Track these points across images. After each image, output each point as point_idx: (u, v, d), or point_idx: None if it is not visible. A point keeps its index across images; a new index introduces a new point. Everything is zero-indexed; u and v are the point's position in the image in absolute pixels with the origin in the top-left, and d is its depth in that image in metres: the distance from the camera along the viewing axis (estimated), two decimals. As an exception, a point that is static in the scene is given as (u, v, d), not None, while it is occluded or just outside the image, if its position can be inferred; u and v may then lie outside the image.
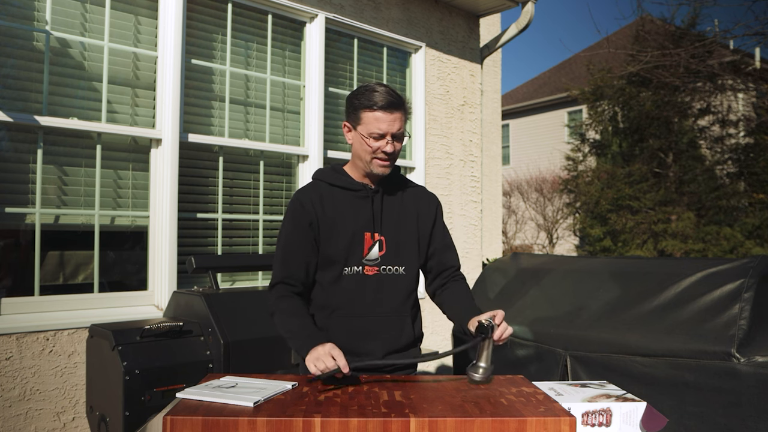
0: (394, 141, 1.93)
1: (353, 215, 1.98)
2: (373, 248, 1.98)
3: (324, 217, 1.96)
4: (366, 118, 1.92)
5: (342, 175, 2.03)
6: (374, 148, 1.92)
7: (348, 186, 2.01)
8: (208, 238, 3.85)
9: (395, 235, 2.01)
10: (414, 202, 2.08)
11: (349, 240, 1.96)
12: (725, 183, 11.31)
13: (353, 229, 1.97)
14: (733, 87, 11.36)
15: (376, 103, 1.90)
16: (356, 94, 1.95)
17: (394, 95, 1.93)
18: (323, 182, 2.03)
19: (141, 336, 2.79)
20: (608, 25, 52.47)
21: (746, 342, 2.48)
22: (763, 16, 11.47)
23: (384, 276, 1.98)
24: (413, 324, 2.06)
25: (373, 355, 1.97)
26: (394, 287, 2.00)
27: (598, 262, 3.63)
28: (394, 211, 2.03)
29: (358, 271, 1.97)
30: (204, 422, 1.40)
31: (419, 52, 4.99)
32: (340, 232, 1.96)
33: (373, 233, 1.98)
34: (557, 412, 1.49)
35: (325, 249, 1.96)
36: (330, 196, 2.00)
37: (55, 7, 3.25)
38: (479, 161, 5.48)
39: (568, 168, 12.78)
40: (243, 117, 4.01)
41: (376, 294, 1.97)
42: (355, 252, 1.96)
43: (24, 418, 3.00)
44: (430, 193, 2.17)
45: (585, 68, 13.11)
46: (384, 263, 1.99)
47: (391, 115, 1.91)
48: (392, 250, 2.00)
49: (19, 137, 3.16)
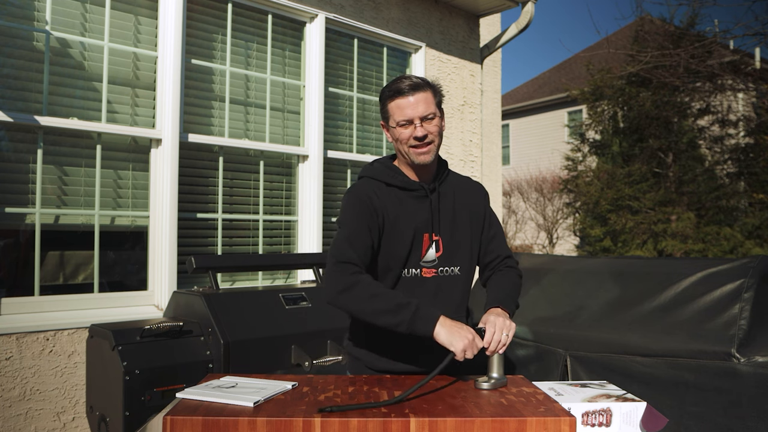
0: (423, 123, 1.85)
1: (413, 216, 1.90)
2: (430, 249, 1.91)
3: (387, 216, 1.88)
4: (391, 109, 1.88)
5: (397, 173, 1.95)
6: (406, 137, 1.86)
7: (405, 185, 1.92)
8: (208, 238, 3.85)
9: (451, 234, 1.94)
10: (466, 198, 2.01)
11: (409, 241, 1.88)
12: (725, 183, 11.30)
13: (414, 230, 1.89)
14: (732, 87, 11.36)
15: (395, 91, 1.85)
16: (382, 90, 1.92)
17: (414, 78, 1.86)
18: (379, 182, 1.94)
19: (141, 336, 2.79)
20: (608, 26, 52.51)
21: (746, 342, 2.48)
22: (763, 16, 11.51)
23: (441, 278, 1.92)
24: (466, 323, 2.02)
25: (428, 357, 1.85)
26: (451, 289, 1.94)
27: (598, 262, 3.63)
28: (449, 209, 1.96)
29: (416, 273, 1.90)
30: (204, 422, 1.40)
31: (419, 52, 4.99)
32: (402, 232, 1.88)
33: (431, 234, 1.91)
34: (557, 412, 1.49)
35: (386, 249, 1.88)
36: (388, 195, 1.91)
37: (55, 7, 3.25)
38: (479, 161, 5.48)
39: (568, 168, 12.78)
40: (243, 117, 4.01)
41: (433, 297, 1.90)
42: (414, 254, 1.90)
43: (24, 418, 3.00)
44: (478, 183, 2.10)
45: (585, 68, 13.10)
46: (441, 264, 1.92)
47: (413, 97, 1.84)
48: (448, 250, 1.93)
49: (19, 137, 3.16)
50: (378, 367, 1.92)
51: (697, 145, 11.43)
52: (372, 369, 1.93)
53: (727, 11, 45.80)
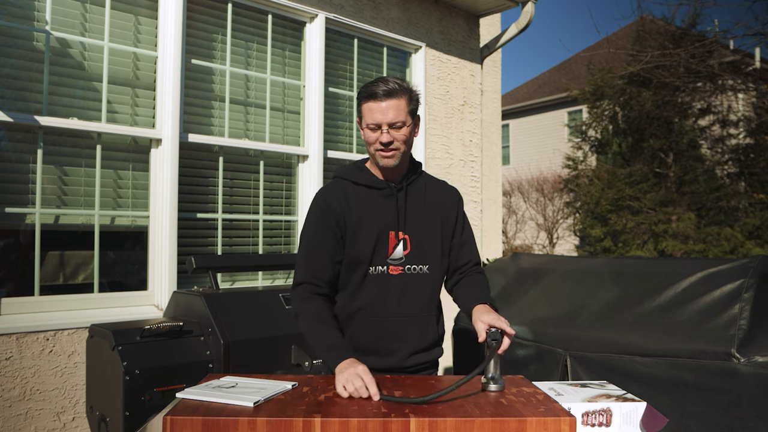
0: (391, 130, 1.87)
1: (378, 214, 1.94)
2: (398, 247, 1.94)
3: (350, 216, 1.93)
4: (364, 110, 1.91)
5: (365, 173, 1.99)
6: (373, 139, 1.89)
7: (372, 184, 1.96)
8: (208, 238, 3.85)
9: (419, 233, 1.97)
10: (437, 199, 2.04)
11: (374, 239, 1.92)
12: (726, 183, 11.30)
13: (379, 229, 1.93)
14: (733, 87, 11.35)
15: (369, 94, 1.88)
16: (360, 89, 1.95)
17: (390, 83, 1.87)
18: (347, 181, 1.99)
19: (141, 336, 2.79)
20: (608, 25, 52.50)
21: (746, 342, 2.48)
22: (763, 16, 11.49)
23: (409, 275, 1.95)
24: (437, 323, 2.03)
25: (399, 354, 1.94)
26: (418, 287, 1.96)
27: (598, 262, 3.63)
28: (418, 208, 1.99)
29: (383, 271, 1.93)
30: (204, 422, 1.40)
31: (419, 52, 4.99)
32: (366, 232, 1.92)
33: (398, 232, 1.95)
34: (557, 412, 1.49)
35: (351, 249, 1.92)
36: (355, 194, 1.96)
37: (55, 7, 3.25)
38: (479, 161, 5.48)
39: (568, 167, 12.78)
40: (243, 117, 4.01)
41: (401, 294, 1.94)
42: (380, 251, 1.93)
43: (24, 418, 3.00)
44: (452, 187, 2.12)
45: (585, 68, 13.09)
46: (409, 262, 1.95)
47: (384, 103, 1.86)
48: (416, 248, 1.96)
49: (19, 137, 3.16)
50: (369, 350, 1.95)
51: (697, 146, 11.43)
52: None
53: (727, 11, 45.80)
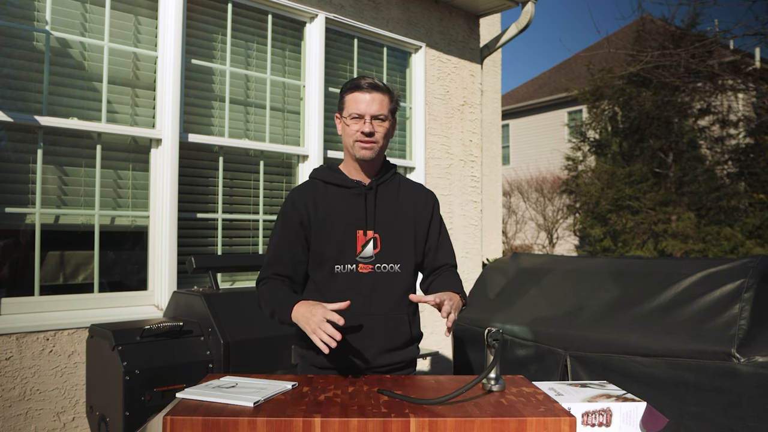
0: (373, 122, 1.93)
1: (346, 212, 1.97)
2: (367, 246, 1.96)
3: (315, 216, 1.96)
4: (347, 101, 1.96)
5: (336, 173, 2.04)
6: (354, 130, 1.94)
7: (342, 183, 2.00)
8: (208, 238, 3.85)
9: (390, 232, 1.99)
10: (411, 200, 2.06)
11: (340, 237, 1.94)
12: (725, 183, 11.30)
13: (345, 227, 1.95)
14: (733, 87, 11.36)
15: (354, 85, 1.95)
16: (344, 83, 2.01)
17: (376, 81, 1.97)
18: (318, 180, 2.03)
19: (141, 336, 2.79)
20: (608, 25, 52.49)
21: (746, 342, 2.48)
22: (763, 16, 11.50)
23: (379, 274, 1.96)
24: (410, 323, 2.02)
25: (368, 353, 1.94)
26: (389, 285, 1.97)
27: (598, 262, 3.63)
28: (390, 208, 2.01)
29: (351, 269, 1.95)
30: (204, 422, 1.40)
31: (419, 52, 4.99)
32: (332, 230, 1.95)
33: (366, 231, 1.96)
34: (557, 412, 1.49)
35: (316, 246, 1.96)
36: (324, 193, 2.00)
37: (55, 7, 3.25)
38: (479, 161, 5.48)
39: (568, 168, 12.78)
40: (243, 117, 4.01)
41: (370, 292, 1.95)
42: (347, 250, 1.95)
43: (24, 418, 3.00)
44: (428, 190, 2.15)
45: (585, 68, 13.10)
46: (379, 261, 1.96)
47: (370, 95, 1.93)
48: (387, 247, 1.98)
49: (19, 137, 3.16)
50: (322, 364, 1.96)
51: (697, 145, 11.43)
52: (316, 366, 1.98)
53: (727, 11, 45.80)
